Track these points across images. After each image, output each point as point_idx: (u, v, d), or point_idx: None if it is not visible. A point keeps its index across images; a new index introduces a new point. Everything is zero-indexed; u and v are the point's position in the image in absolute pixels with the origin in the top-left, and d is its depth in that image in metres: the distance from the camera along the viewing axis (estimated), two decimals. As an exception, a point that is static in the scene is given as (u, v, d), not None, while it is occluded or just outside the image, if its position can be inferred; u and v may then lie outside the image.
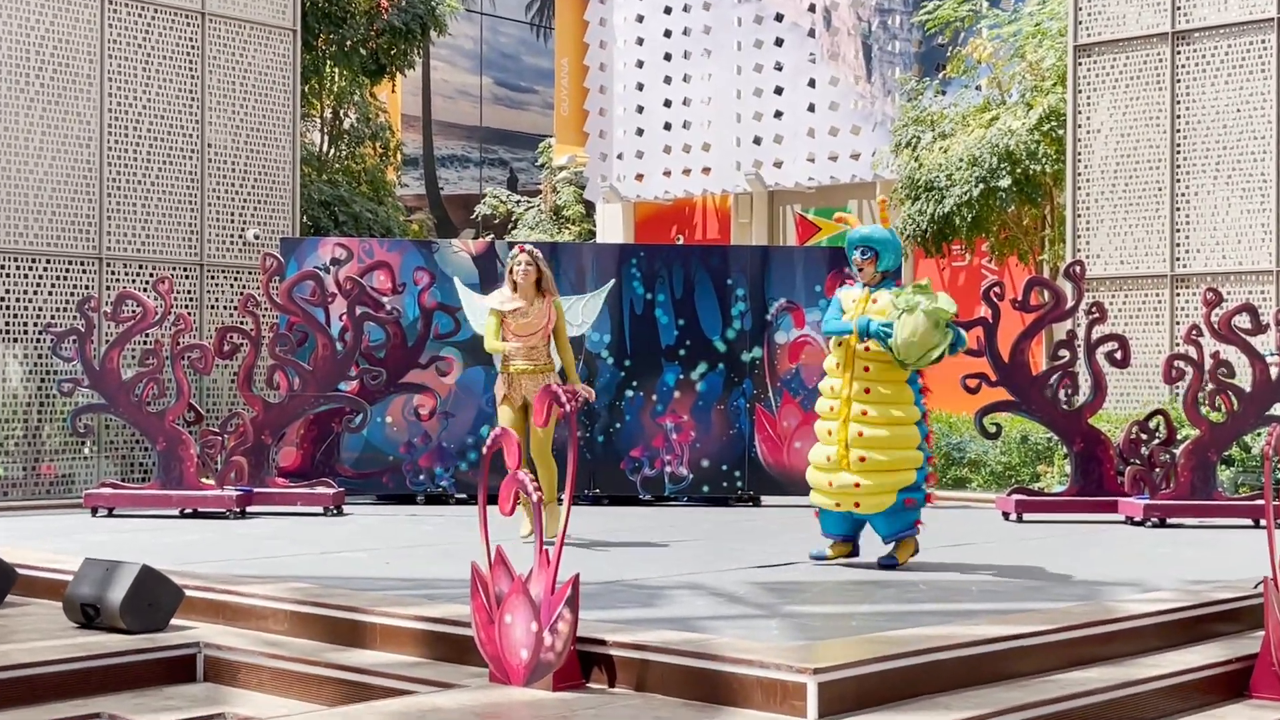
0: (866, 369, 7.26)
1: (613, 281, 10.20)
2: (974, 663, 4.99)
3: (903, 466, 7.29)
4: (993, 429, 10.54)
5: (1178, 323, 12.41)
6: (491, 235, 27.29)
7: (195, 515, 10.12)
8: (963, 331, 7.34)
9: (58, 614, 6.19)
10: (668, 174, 22.06)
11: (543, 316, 8.26)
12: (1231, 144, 12.28)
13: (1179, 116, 12.54)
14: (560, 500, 8.25)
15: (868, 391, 7.26)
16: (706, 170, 21.65)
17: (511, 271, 8.27)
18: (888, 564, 7.35)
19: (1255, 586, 6.07)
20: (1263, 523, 9.76)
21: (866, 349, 7.26)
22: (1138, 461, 10.20)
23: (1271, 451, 5.43)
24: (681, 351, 11.54)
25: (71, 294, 11.77)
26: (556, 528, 8.02)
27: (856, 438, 7.24)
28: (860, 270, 7.39)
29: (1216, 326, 9.96)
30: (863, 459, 7.22)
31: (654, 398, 11.50)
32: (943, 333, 7.13)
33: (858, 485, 7.24)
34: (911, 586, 6.75)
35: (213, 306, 12.66)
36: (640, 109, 22.35)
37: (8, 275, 11.51)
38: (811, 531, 9.51)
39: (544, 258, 8.44)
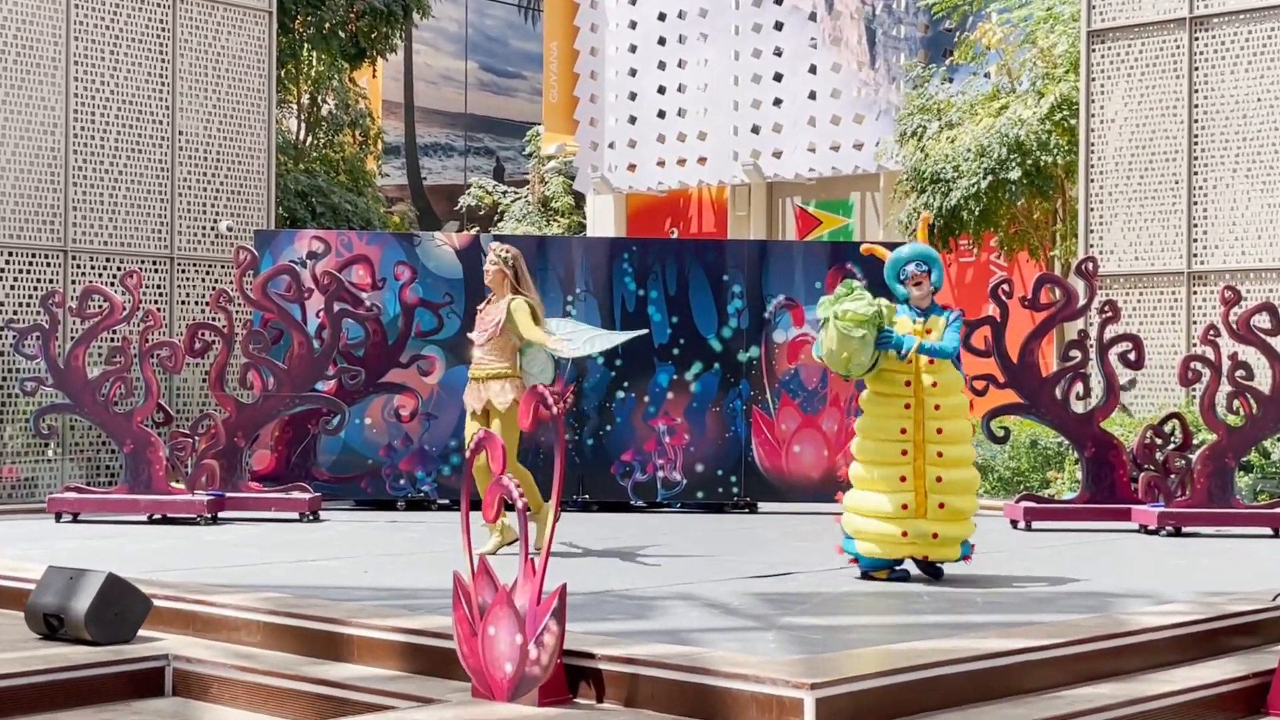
0: (937, 406, 7.09)
1: (641, 332, 9.77)
2: (979, 678, 5.01)
3: (970, 514, 7.19)
4: (1000, 433, 10.56)
5: (1194, 322, 12.44)
6: (476, 228, 27.28)
7: (164, 521, 10.10)
8: (895, 331, 7.03)
9: (19, 625, 6.18)
10: (661, 164, 22.06)
11: (495, 316, 8.21)
12: (1252, 135, 12.31)
13: (1197, 106, 12.56)
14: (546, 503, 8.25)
15: (940, 431, 7.09)
16: (702, 160, 21.66)
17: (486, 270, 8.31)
18: (935, 571, 7.28)
19: (1274, 599, 6.08)
20: (1282, 532, 9.79)
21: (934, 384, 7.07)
22: (1152, 467, 10.21)
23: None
24: (675, 351, 11.55)
25: (35, 288, 11.76)
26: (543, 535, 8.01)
27: (935, 483, 7.05)
28: (918, 285, 7.17)
29: (1235, 326, 9.98)
30: (942, 505, 7.05)
31: (646, 399, 11.51)
32: (860, 340, 6.93)
33: (936, 536, 7.07)
34: (915, 598, 6.76)
35: (183, 302, 12.65)
36: (633, 96, 22.36)
37: (-32, 268, 11.51)
38: (810, 540, 9.52)
39: (520, 255, 8.37)
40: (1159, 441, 10.30)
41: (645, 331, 10.46)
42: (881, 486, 7.12)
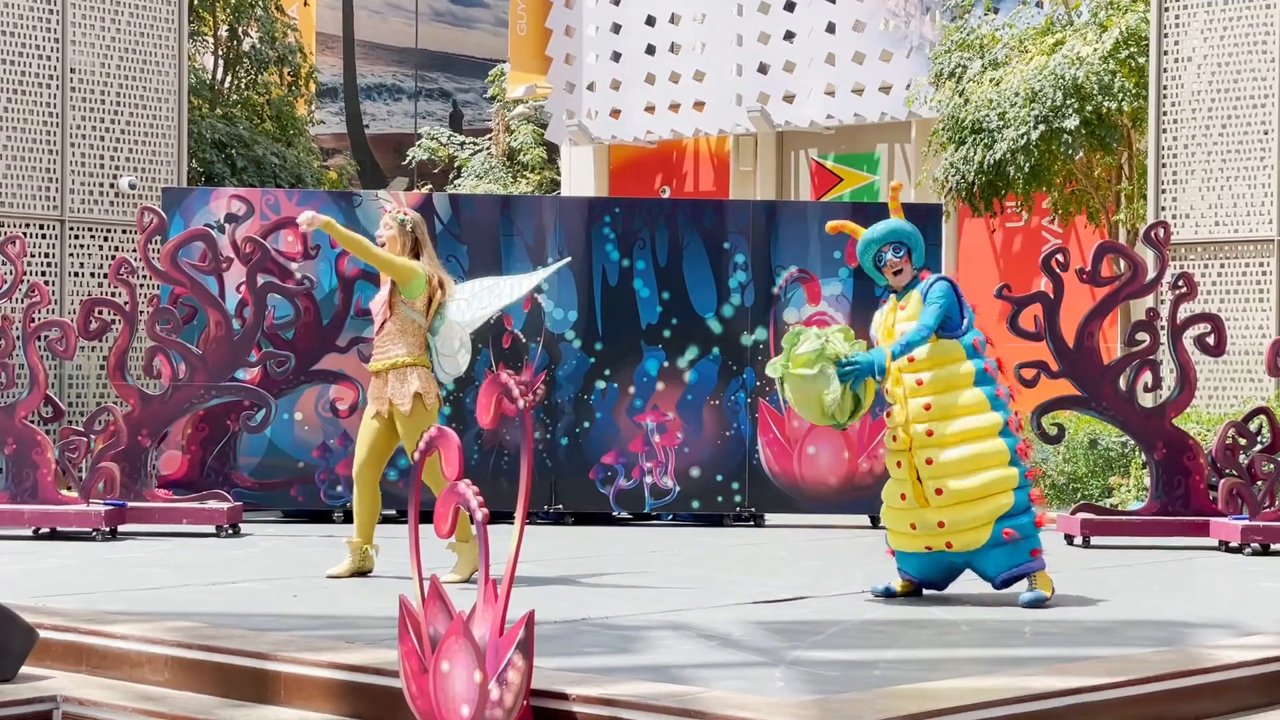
0: (919, 381, 7.26)
1: (564, 261, 9.89)
2: (1027, 723, 5.03)
3: (993, 490, 7.24)
4: (1054, 431, 10.58)
5: (1285, 299, 12.48)
6: (429, 186, 27.27)
7: (53, 536, 10.09)
8: (857, 356, 7.13)
9: (-121, 659, 6.17)
10: (650, 110, 22.06)
11: (385, 292, 8.11)
12: (1354, 77, 12.34)
13: (1289, 42, 12.59)
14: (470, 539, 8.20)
15: (927, 408, 7.25)
16: (699, 105, 21.65)
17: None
18: (1035, 602, 7.27)
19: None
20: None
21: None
22: (1234, 473, 10.24)
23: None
24: (666, 333, 11.56)
25: (-102, 257, 11.73)
26: (469, 570, 8.02)
27: (925, 466, 7.22)
28: (898, 274, 7.38)
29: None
30: (940, 491, 7.20)
31: (631, 390, 11.53)
32: (816, 378, 7.04)
33: (942, 524, 7.22)
34: (951, 627, 6.78)
35: (76, 274, 12.63)
36: (617, 28, 22.33)
37: None
38: (827, 559, 9.54)
39: (422, 221, 8.23)
40: (1243, 442, 10.32)
41: (567, 260, 10.42)
42: (891, 475, 7.44)
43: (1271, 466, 10.15)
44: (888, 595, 7.51)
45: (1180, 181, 13.10)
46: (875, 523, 10.91)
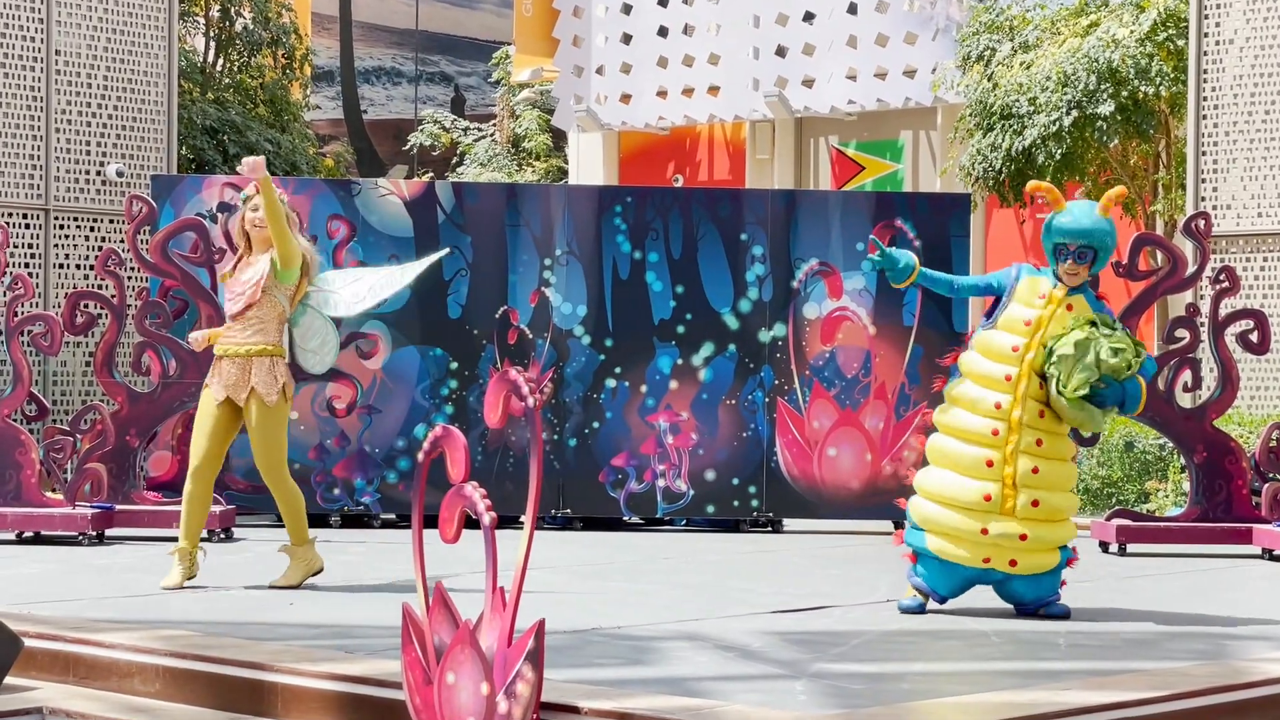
0: (1043, 385, 7.17)
1: (443, 253, 9.74)
2: (1063, 739, 5.02)
3: (1069, 514, 7.30)
4: (1087, 433, 10.56)
5: (1332, 295, 12.46)
6: (430, 174, 27.29)
7: (38, 540, 10.10)
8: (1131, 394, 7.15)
9: None
10: (663, 94, 22.04)
11: (254, 275, 8.00)
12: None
13: (1336, 23, 12.57)
14: (313, 540, 8.18)
15: (1042, 414, 7.19)
16: (714, 90, 21.63)
17: (244, 219, 8.02)
18: (1058, 613, 7.28)
19: None
20: None
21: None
22: (1279, 477, 10.22)
23: None
24: (680, 328, 11.55)
25: (-125, 247, 11.74)
26: (299, 577, 8.00)
27: (1030, 475, 7.13)
28: (1072, 275, 7.29)
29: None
30: (1036, 503, 7.13)
31: (643, 389, 11.52)
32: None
33: (1024, 538, 7.13)
34: (981, 639, 6.77)
35: (61, 265, 12.64)
36: (627, 8, 22.32)
37: None
38: (849, 566, 9.52)
39: (289, 203, 8.20)
40: (1288, 445, 10.32)
41: (445, 252, 10.23)
42: (960, 469, 7.22)
43: (1317, 470, 10.13)
44: (916, 611, 7.39)
45: (1221, 170, 13.07)
46: (899, 527, 10.89)
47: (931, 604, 7.40)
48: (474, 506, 4.95)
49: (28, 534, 10.13)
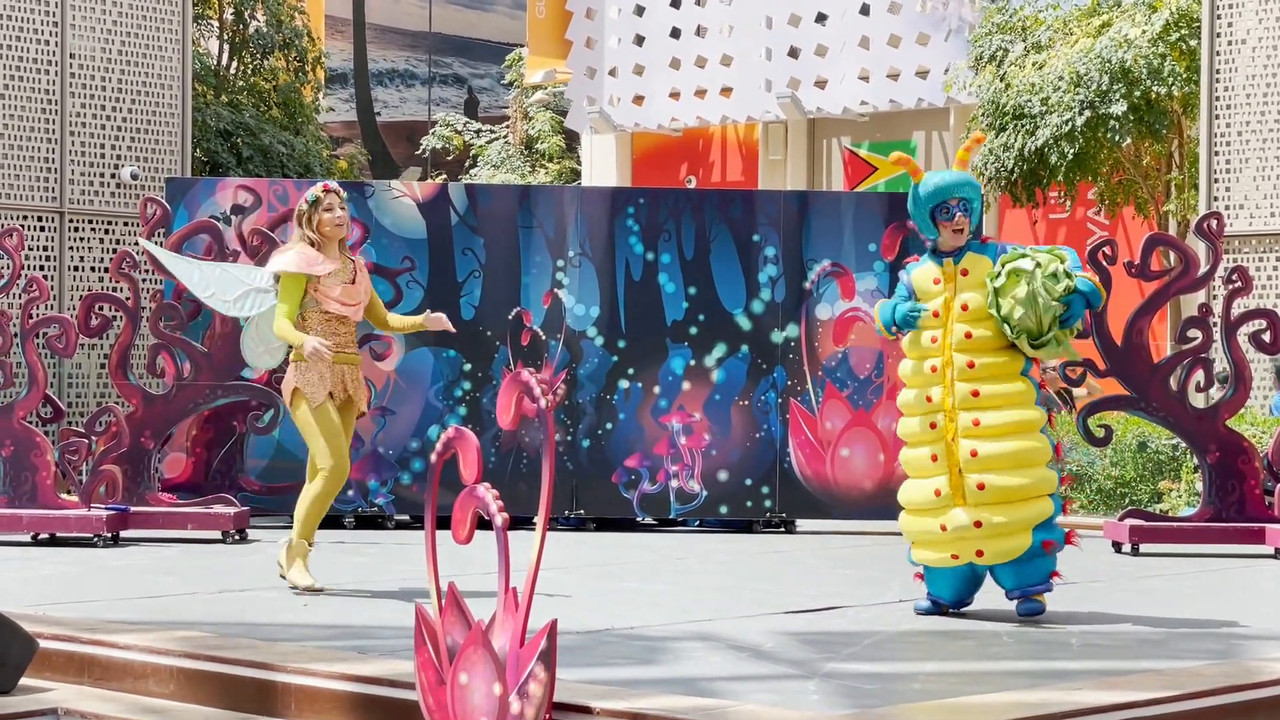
0: (971, 364, 7.08)
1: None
2: (1074, 739, 5.01)
3: (1035, 493, 7.09)
4: (1101, 433, 10.54)
5: (1345, 294, 12.43)
6: (444, 175, 27.31)
7: (53, 542, 10.12)
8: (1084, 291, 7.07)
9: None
10: (675, 96, 22.05)
11: (365, 282, 8.16)
12: None
13: (1349, 23, 12.54)
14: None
15: (976, 394, 7.07)
16: (726, 91, 21.63)
17: (317, 223, 8.02)
18: (1031, 611, 7.17)
19: None
20: None
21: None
22: (1291, 476, 10.21)
23: None
24: (692, 329, 11.55)
25: (-109, 250, 11.78)
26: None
27: (970, 459, 7.03)
28: (957, 233, 7.19)
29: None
30: (982, 486, 7.01)
31: (656, 390, 11.52)
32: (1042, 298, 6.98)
33: (979, 524, 7.01)
34: (994, 639, 6.76)
35: (76, 268, 12.67)
36: (640, 10, 22.33)
37: None
38: (862, 566, 9.52)
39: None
40: (1300, 444, 10.30)
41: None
42: (912, 473, 7.23)
43: (1330, 470, 10.11)
44: (932, 613, 7.35)
45: (1234, 170, 13.05)
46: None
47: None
48: (486, 507, 4.96)
49: (43, 536, 10.15)
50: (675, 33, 22.01)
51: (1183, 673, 5.75)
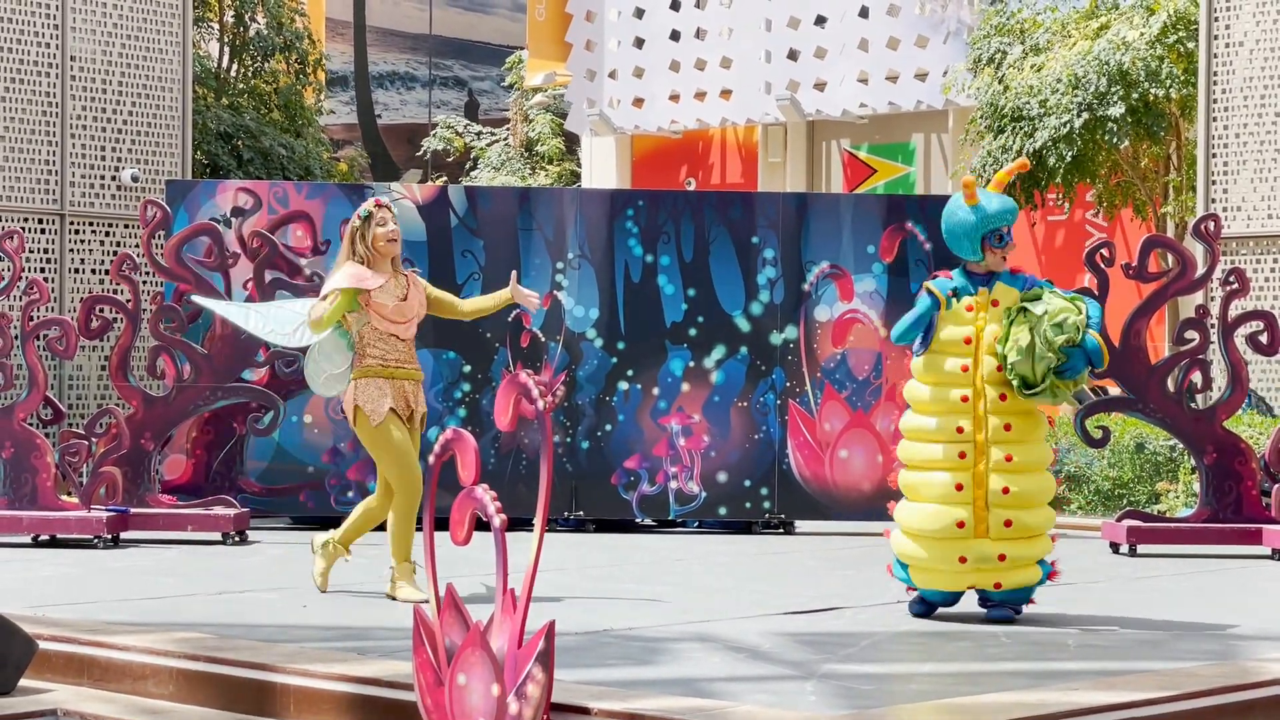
0: (1003, 397, 7.03)
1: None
2: (1071, 739, 5.02)
3: (1046, 527, 7.16)
4: (1098, 434, 10.55)
5: (1342, 296, 12.44)
6: (444, 178, 27.31)
7: (53, 543, 10.12)
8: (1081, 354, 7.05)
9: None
10: (675, 98, 22.04)
11: (419, 297, 8.13)
12: None
13: (1346, 25, 12.55)
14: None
15: (1008, 429, 7.04)
16: (726, 94, 21.63)
17: (371, 239, 7.92)
18: (1001, 616, 7.17)
19: None
20: None
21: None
22: (1288, 478, 10.21)
23: None
24: (692, 331, 11.56)
25: (-109, 253, 11.78)
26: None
27: (1001, 495, 6.99)
28: (1004, 259, 7.16)
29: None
30: (1009, 523, 6.99)
31: (655, 392, 11.52)
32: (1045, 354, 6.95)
33: (1003, 558, 7.01)
34: (991, 640, 6.77)
35: (77, 270, 12.67)
36: (640, 12, 22.33)
37: None
38: (859, 567, 9.53)
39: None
40: (1297, 445, 10.30)
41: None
42: (929, 497, 7.11)
43: (1328, 471, 10.12)
44: (926, 615, 7.36)
45: (1231, 172, 13.05)
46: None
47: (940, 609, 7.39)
48: (484, 509, 4.96)
49: (43, 537, 10.16)
50: (675, 35, 22.01)
51: (1180, 673, 5.76)
